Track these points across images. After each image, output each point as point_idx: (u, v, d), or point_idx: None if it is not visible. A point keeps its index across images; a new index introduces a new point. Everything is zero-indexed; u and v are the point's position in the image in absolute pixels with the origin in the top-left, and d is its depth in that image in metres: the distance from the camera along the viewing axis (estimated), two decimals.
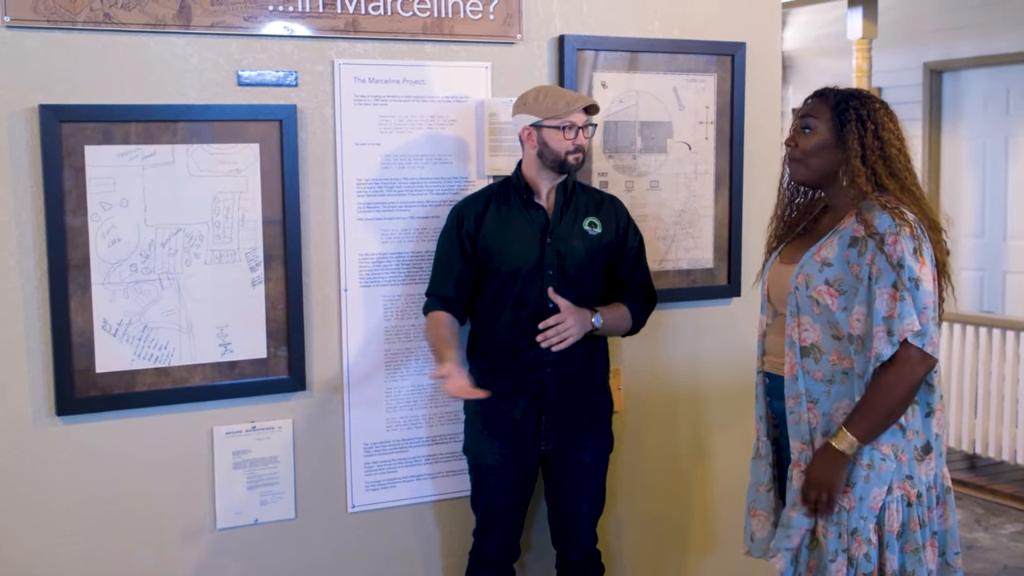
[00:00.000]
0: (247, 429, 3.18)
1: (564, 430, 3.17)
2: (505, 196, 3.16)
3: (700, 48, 3.67)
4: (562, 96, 3.05)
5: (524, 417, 3.14)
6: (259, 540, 3.24)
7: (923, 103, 7.87)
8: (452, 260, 3.14)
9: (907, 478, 2.66)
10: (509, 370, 3.13)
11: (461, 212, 3.16)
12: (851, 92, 2.74)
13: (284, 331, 3.19)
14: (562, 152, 3.05)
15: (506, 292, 3.11)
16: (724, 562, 3.93)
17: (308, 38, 3.16)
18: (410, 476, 3.41)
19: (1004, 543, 5.17)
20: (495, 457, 3.17)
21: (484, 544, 3.26)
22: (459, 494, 3.48)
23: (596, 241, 3.17)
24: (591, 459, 3.24)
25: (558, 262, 3.11)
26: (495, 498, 3.21)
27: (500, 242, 3.11)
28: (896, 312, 2.54)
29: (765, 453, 2.93)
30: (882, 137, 2.66)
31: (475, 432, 3.21)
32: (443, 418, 3.43)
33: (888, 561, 2.65)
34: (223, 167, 3.07)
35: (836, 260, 2.66)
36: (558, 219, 3.14)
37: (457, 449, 3.44)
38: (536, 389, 3.12)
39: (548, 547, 3.45)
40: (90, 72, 2.93)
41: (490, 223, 3.13)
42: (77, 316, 2.95)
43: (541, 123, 3.05)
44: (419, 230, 3.34)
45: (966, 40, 7.53)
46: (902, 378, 2.58)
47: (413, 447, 3.41)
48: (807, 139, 2.75)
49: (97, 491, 3.04)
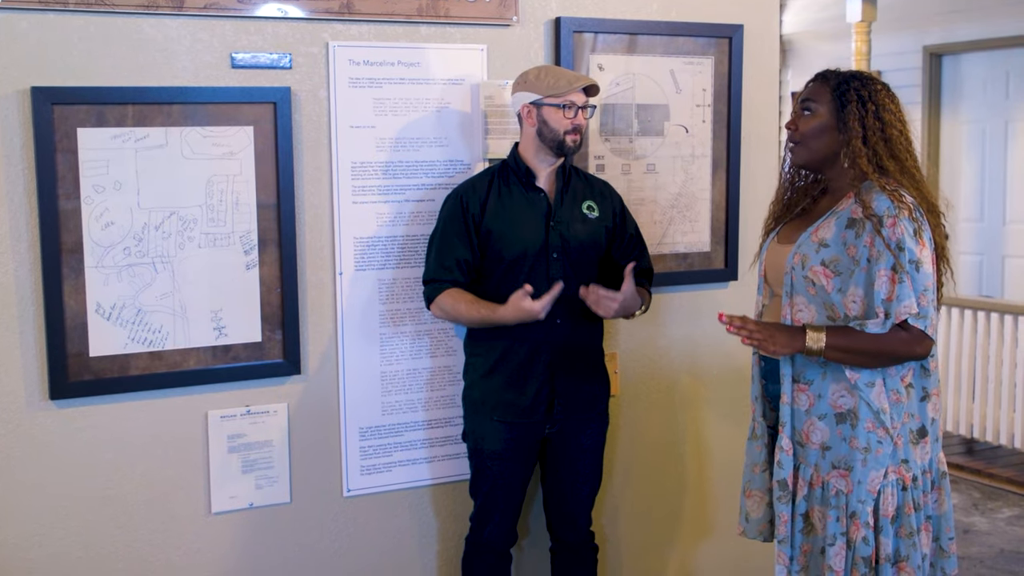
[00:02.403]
0: (242, 413, 3.18)
1: (571, 414, 3.18)
2: (505, 180, 3.14)
3: (697, 30, 3.65)
4: (563, 75, 3.05)
5: (535, 402, 3.13)
6: (254, 524, 3.24)
7: (922, 87, 7.84)
8: (457, 245, 3.11)
9: (903, 462, 2.66)
10: (517, 356, 3.12)
11: (464, 196, 3.13)
12: (852, 74, 2.73)
13: (279, 315, 3.17)
14: (561, 131, 3.04)
15: (512, 277, 3.10)
16: (720, 543, 3.93)
17: (302, 20, 3.14)
18: (406, 460, 3.41)
19: (1001, 527, 5.18)
20: (500, 442, 3.16)
21: (484, 529, 3.26)
22: (455, 478, 3.47)
23: (596, 225, 3.17)
24: (591, 441, 3.26)
25: (562, 245, 3.10)
26: (498, 482, 3.20)
27: (505, 226, 3.10)
28: (895, 294, 2.54)
29: (760, 434, 2.92)
30: (883, 118, 2.65)
31: (480, 417, 3.19)
32: (439, 402, 3.42)
33: (883, 545, 2.65)
34: (217, 150, 3.06)
35: (833, 241, 2.65)
36: (559, 202, 3.13)
37: (453, 433, 3.44)
38: (546, 374, 3.12)
39: (544, 530, 3.45)
40: (83, 54, 2.91)
41: (493, 207, 3.11)
42: (70, 300, 2.94)
43: (541, 101, 3.04)
44: (414, 213, 3.32)
45: (966, 23, 7.50)
46: (899, 346, 2.57)
47: (408, 431, 3.40)
48: (807, 121, 2.74)
49: (91, 475, 3.03)
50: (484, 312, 3.06)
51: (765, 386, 2.89)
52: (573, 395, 3.17)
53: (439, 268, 3.12)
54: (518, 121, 3.15)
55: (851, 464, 2.65)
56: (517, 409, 3.14)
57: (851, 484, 2.65)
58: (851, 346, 2.58)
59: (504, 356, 3.13)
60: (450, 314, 3.12)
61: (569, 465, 3.25)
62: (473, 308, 3.07)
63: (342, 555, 3.37)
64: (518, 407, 3.14)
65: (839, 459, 2.67)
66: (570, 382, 3.16)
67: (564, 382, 3.15)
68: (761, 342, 2.64)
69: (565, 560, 3.37)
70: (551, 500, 3.33)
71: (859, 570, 2.64)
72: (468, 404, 3.25)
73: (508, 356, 3.13)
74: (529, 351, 3.12)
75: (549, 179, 3.15)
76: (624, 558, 3.80)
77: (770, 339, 2.64)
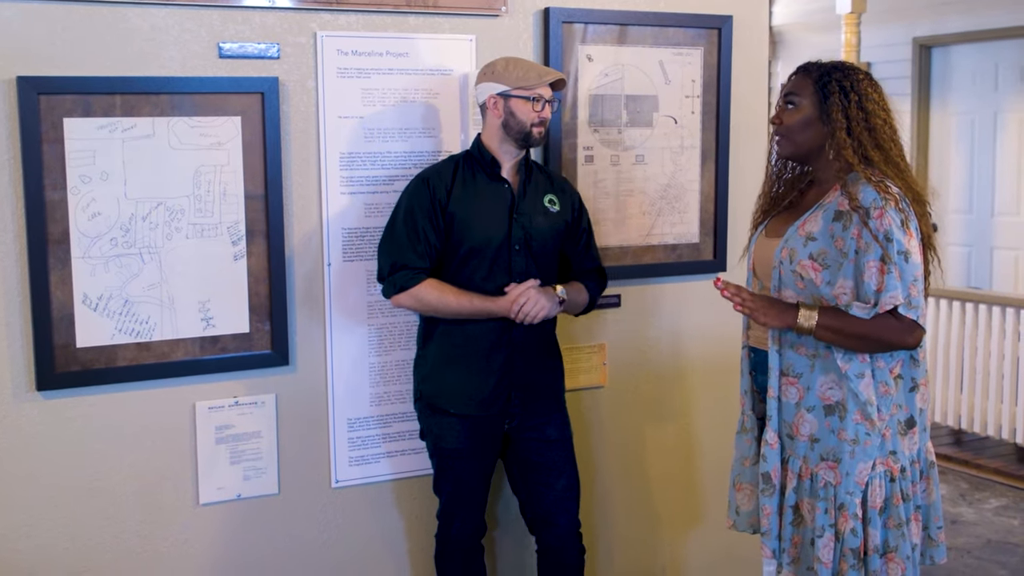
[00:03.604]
0: (230, 404, 3.17)
1: (528, 405, 3.15)
2: (470, 168, 3.11)
3: (687, 21, 3.64)
4: (532, 68, 3.04)
5: (493, 395, 3.11)
6: (242, 515, 3.24)
7: (912, 78, 7.86)
8: (426, 230, 3.03)
9: (891, 453, 2.67)
10: (477, 348, 3.09)
11: (431, 181, 3.06)
12: (834, 65, 2.73)
13: (267, 306, 3.17)
14: (528, 123, 3.02)
15: (472, 267, 3.06)
16: (709, 536, 3.93)
17: (290, 10, 3.13)
18: (394, 451, 3.40)
19: (988, 518, 5.20)
20: (459, 439, 3.12)
21: (451, 526, 3.22)
22: None
23: (556, 219, 3.15)
24: (558, 433, 3.22)
25: (524, 238, 3.09)
26: (461, 478, 3.16)
27: (469, 215, 3.05)
28: (883, 285, 2.54)
29: (750, 427, 2.93)
30: (866, 108, 2.65)
31: (438, 415, 3.14)
32: None
33: (871, 536, 2.65)
34: (204, 140, 3.04)
35: (820, 234, 2.65)
36: (522, 194, 3.11)
37: None
38: (506, 366, 3.10)
39: (516, 519, 3.42)
40: (69, 43, 2.90)
41: (458, 194, 3.06)
42: (57, 291, 2.92)
43: (509, 92, 3.02)
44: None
45: (955, 15, 7.51)
46: (890, 333, 2.57)
47: (397, 422, 3.40)
48: (792, 115, 2.74)
49: (78, 467, 3.03)
50: (477, 304, 3.02)
51: (755, 377, 2.89)
52: (531, 387, 3.15)
53: (411, 254, 3.03)
54: (481, 112, 3.12)
55: (839, 456, 2.65)
56: (475, 401, 3.10)
57: (839, 476, 2.65)
58: (843, 328, 2.59)
59: (464, 348, 3.10)
60: (431, 305, 3.03)
61: (537, 459, 3.20)
62: (465, 299, 3.02)
63: (330, 546, 3.37)
64: (475, 402, 3.10)
65: (827, 451, 2.67)
66: (528, 375, 3.14)
67: (522, 375, 3.13)
68: (753, 311, 2.66)
69: (547, 564, 3.29)
70: (527, 502, 3.27)
71: (847, 561, 2.65)
72: (420, 403, 3.19)
73: (468, 348, 3.10)
74: (489, 344, 3.09)
75: (512, 171, 3.13)
76: (614, 550, 3.80)
77: (762, 310, 2.65)
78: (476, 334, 3.08)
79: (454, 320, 3.07)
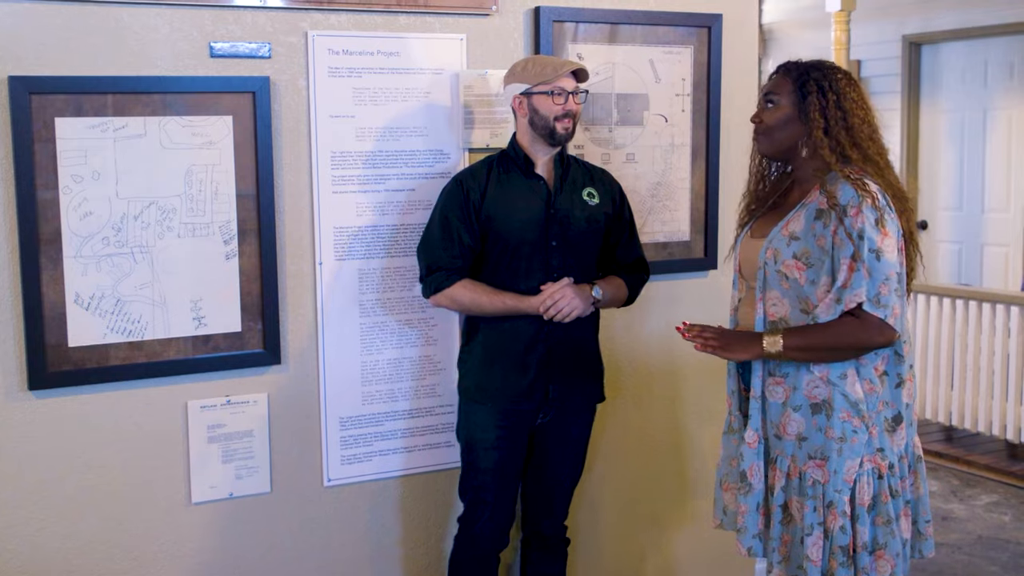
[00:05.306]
0: (222, 403, 3.17)
1: (564, 402, 3.20)
2: (504, 167, 3.14)
3: (677, 20, 3.65)
4: (549, 62, 3.07)
5: (530, 388, 3.14)
6: (234, 514, 3.24)
7: (902, 76, 7.88)
8: (460, 231, 3.09)
9: (878, 451, 2.68)
10: (516, 343, 3.13)
11: (465, 183, 3.12)
12: (813, 64, 2.74)
13: (258, 305, 3.17)
14: (551, 117, 3.04)
15: (511, 263, 3.11)
16: (699, 533, 3.94)
17: (281, 9, 3.13)
18: (386, 450, 3.41)
19: (979, 514, 5.22)
20: (493, 430, 3.16)
21: (474, 524, 3.24)
22: (435, 467, 3.48)
23: (595, 211, 3.18)
24: (579, 432, 3.29)
25: (561, 232, 3.11)
26: (490, 469, 3.18)
27: (505, 212, 3.09)
28: (849, 282, 2.55)
29: (737, 427, 2.94)
30: (844, 107, 2.67)
31: (475, 406, 3.19)
32: (419, 391, 3.43)
33: (859, 533, 2.66)
34: (196, 140, 3.05)
35: (803, 234, 2.66)
36: (558, 189, 3.14)
37: (433, 423, 3.44)
38: (544, 362, 3.14)
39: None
40: (60, 43, 2.90)
41: (493, 193, 3.10)
42: (49, 290, 2.93)
43: (531, 90, 3.05)
44: (394, 203, 3.32)
45: (945, 12, 7.53)
46: (857, 334, 2.58)
47: (389, 421, 3.40)
48: (771, 114, 2.76)
49: (70, 466, 3.03)
50: (509, 303, 3.08)
51: (743, 376, 2.90)
52: (569, 385, 3.19)
53: (446, 256, 3.10)
54: (513, 115, 3.16)
55: (827, 454, 2.66)
56: (513, 394, 3.14)
57: (827, 474, 2.66)
58: (810, 344, 2.61)
59: (504, 343, 3.14)
60: (465, 305, 3.12)
61: (556, 455, 3.27)
62: (497, 299, 3.08)
63: (323, 545, 3.37)
64: (514, 392, 3.14)
65: (815, 449, 2.68)
66: (566, 372, 3.17)
67: (561, 371, 3.16)
68: (716, 348, 2.69)
69: (538, 552, 3.39)
70: (533, 490, 3.33)
71: (837, 559, 2.66)
72: (462, 394, 3.25)
73: (508, 344, 3.13)
74: (530, 338, 3.12)
75: (547, 167, 3.16)
76: (603, 548, 3.81)
77: (725, 346, 2.69)
78: (515, 330, 3.12)
79: (494, 317, 3.11)
